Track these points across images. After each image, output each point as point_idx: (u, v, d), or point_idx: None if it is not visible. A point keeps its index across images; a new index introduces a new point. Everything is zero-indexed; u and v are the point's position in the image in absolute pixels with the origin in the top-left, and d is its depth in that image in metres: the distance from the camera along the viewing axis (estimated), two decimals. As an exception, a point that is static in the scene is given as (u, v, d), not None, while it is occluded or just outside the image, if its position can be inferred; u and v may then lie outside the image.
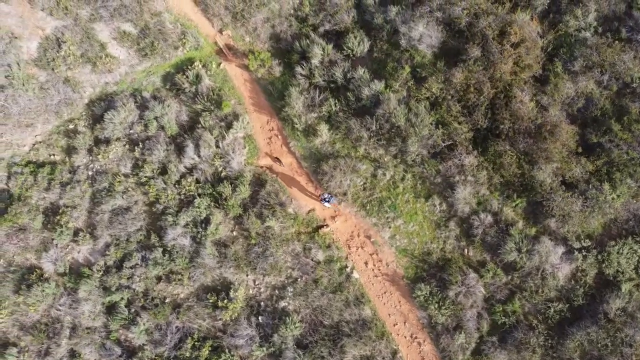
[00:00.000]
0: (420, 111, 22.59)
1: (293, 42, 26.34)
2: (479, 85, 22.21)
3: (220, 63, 26.99)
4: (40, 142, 26.88)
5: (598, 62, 22.11)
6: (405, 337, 21.59)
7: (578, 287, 20.81)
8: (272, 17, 26.86)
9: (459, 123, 22.25)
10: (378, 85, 23.62)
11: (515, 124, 21.64)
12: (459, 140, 22.13)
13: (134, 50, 27.44)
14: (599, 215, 20.98)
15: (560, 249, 20.93)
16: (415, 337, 21.53)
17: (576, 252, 20.93)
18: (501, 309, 21.05)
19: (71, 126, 26.78)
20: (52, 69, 27.02)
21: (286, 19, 26.83)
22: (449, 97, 22.57)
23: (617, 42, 22.52)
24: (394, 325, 21.73)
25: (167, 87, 26.86)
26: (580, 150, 21.55)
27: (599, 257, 20.84)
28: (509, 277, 21.27)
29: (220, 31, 27.55)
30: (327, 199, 22.48)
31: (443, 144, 22.39)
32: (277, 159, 24.83)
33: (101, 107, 26.65)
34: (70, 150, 26.28)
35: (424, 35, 23.58)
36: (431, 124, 22.58)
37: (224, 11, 27.33)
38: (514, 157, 21.58)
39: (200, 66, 26.62)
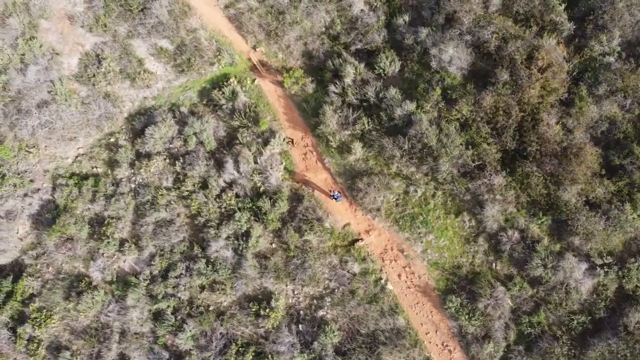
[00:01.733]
0: (451, 132, 23.82)
1: (325, 59, 27.42)
2: (507, 108, 23.41)
3: (255, 79, 28.11)
4: (82, 154, 28.18)
5: (621, 87, 23.28)
6: (437, 345, 23.21)
7: (600, 300, 22.33)
8: (305, 35, 27.87)
9: (488, 144, 23.51)
10: (410, 106, 24.79)
11: (542, 146, 22.89)
12: (488, 160, 23.41)
13: (171, 66, 28.54)
14: (620, 233, 22.40)
15: (584, 265, 22.39)
16: (446, 345, 23.17)
17: (598, 268, 22.39)
18: (527, 320, 22.60)
19: (112, 140, 28.02)
20: (93, 85, 28.21)
21: (318, 37, 27.84)
22: (479, 119, 23.79)
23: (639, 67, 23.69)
24: (426, 334, 23.35)
25: (204, 102, 28.01)
26: (603, 172, 22.84)
27: (620, 273, 22.30)
28: (535, 291, 22.78)
29: (254, 48, 28.59)
30: (336, 196, 24.47)
31: (473, 164, 23.67)
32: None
33: (140, 121, 27.84)
34: (112, 163, 27.55)
35: (454, 57, 24.68)
36: (461, 144, 23.83)
37: (258, 29, 28.34)
38: (541, 178, 22.89)
39: (235, 82, 27.73)
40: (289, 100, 27.68)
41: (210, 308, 24.92)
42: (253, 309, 24.21)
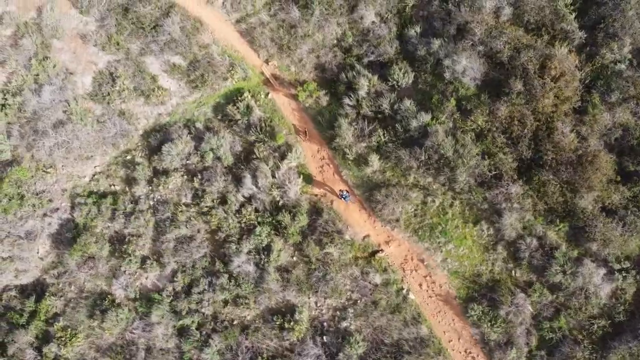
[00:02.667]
0: (467, 142, 24.20)
1: (338, 72, 27.67)
2: (522, 117, 23.80)
3: (268, 93, 28.36)
4: (99, 172, 28.38)
5: (634, 94, 23.73)
6: (460, 352, 23.68)
7: (619, 304, 22.86)
8: (317, 48, 28.12)
9: (504, 154, 23.91)
10: (425, 117, 25.13)
11: (557, 154, 23.31)
12: (505, 170, 23.80)
13: (185, 82, 28.75)
14: (637, 238, 22.87)
15: (602, 270, 22.88)
16: (470, 352, 23.63)
17: (616, 273, 22.88)
18: (548, 325, 23.09)
19: (128, 157, 28.24)
20: (108, 103, 28.40)
21: (330, 50, 28.10)
22: (494, 129, 24.18)
23: (651, 74, 24.15)
24: (449, 342, 23.80)
25: (219, 117, 28.21)
26: (618, 178, 23.30)
27: (638, 277, 22.83)
28: (555, 296, 23.24)
29: (267, 62, 28.82)
30: (344, 196, 25.02)
31: (489, 174, 24.06)
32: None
33: (156, 138, 28.05)
34: (129, 180, 27.76)
35: (467, 68, 25.00)
36: (477, 154, 24.20)
37: (270, 43, 28.57)
38: (557, 185, 23.30)
39: (249, 97, 27.94)
40: (303, 113, 27.97)
41: (235, 322, 25.26)
42: (277, 322, 24.57)
